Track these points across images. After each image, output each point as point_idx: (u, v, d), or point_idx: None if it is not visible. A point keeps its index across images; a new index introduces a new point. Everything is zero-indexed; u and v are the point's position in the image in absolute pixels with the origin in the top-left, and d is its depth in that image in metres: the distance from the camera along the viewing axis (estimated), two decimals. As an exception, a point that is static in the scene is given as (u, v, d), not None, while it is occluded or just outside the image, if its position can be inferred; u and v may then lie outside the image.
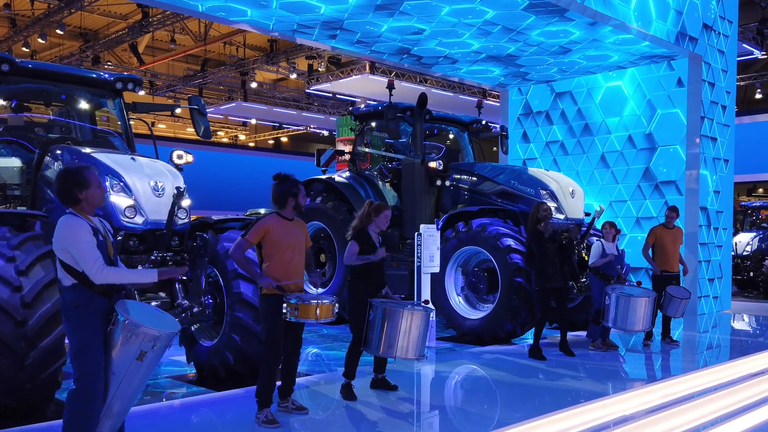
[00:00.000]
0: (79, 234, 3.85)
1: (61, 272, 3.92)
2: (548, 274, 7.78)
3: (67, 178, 3.99)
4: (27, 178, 6.79)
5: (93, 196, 4.00)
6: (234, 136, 38.52)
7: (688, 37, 11.82)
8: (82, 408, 3.85)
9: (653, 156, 12.82)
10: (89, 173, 4.02)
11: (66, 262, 3.88)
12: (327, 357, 8.29)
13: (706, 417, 6.43)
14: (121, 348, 3.88)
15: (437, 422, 5.67)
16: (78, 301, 3.87)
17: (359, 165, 11.27)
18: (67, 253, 3.87)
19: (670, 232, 9.14)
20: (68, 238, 3.85)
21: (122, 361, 3.90)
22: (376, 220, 6.00)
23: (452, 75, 14.25)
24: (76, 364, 3.87)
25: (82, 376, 3.85)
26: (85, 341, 3.86)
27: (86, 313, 3.88)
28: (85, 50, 22.59)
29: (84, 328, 3.87)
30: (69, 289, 3.90)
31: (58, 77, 7.28)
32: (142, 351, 3.88)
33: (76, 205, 3.98)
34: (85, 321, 3.87)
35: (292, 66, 23.83)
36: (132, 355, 3.88)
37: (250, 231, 5.12)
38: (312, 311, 5.00)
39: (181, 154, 6.72)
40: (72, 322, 3.88)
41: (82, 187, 3.96)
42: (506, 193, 9.82)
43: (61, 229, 3.88)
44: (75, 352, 3.88)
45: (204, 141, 27.77)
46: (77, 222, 3.90)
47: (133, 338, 3.85)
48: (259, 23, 10.76)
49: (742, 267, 17.23)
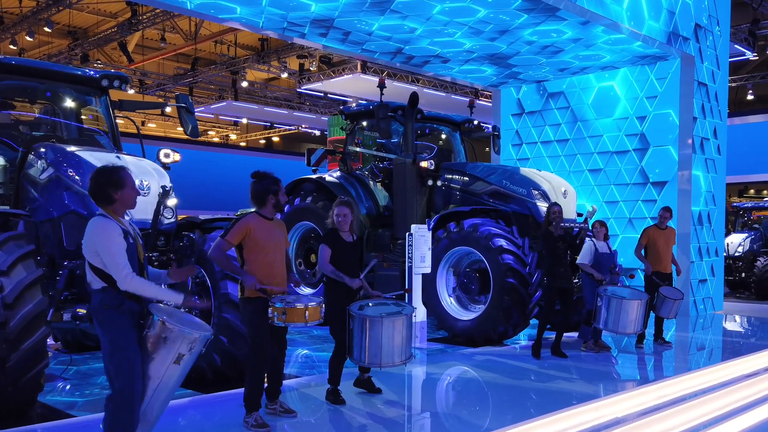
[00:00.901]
0: (111, 237, 3.77)
1: (90, 275, 3.84)
2: (558, 274, 7.79)
3: (102, 177, 3.88)
4: (10, 177, 6.67)
5: (128, 196, 3.93)
6: (225, 136, 38.34)
7: (680, 37, 11.79)
8: (121, 409, 3.80)
9: (645, 156, 12.79)
10: (125, 173, 3.94)
11: (96, 266, 3.80)
12: (317, 359, 8.19)
13: (700, 419, 6.37)
14: (159, 351, 3.84)
15: (428, 425, 5.60)
16: (107, 303, 3.81)
17: (350, 165, 11.17)
18: (97, 256, 3.78)
19: (663, 233, 9.09)
20: (99, 240, 3.76)
21: (159, 365, 3.85)
22: (335, 221, 5.85)
23: (444, 74, 14.18)
24: (111, 367, 3.83)
25: (117, 378, 3.81)
26: (116, 343, 3.80)
27: (117, 315, 3.81)
28: (73, 48, 22.38)
29: (115, 330, 3.81)
30: (98, 292, 3.83)
31: (43, 74, 7.15)
32: (180, 354, 3.85)
33: (110, 206, 3.89)
34: (116, 323, 3.81)
35: (283, 65, 23.71)
36: (169, 358, 3.84)
37: (230, 231, 4.99)
38: (301, 315, 4.91)
39: (168, 153, 6.62)
40: (103, 325, 3.82)
41: (117, 187, 3.87)
42: (498, 194, 9.75)
43: (92, 231, 3.79)
44: (107, 355, 3.83)
45: (194, 140, 27.69)
46: (109, 224, 3.81)
47: (171, 342, 3.82)
48: (249, 21, 10.65)
49: (734, 268, 17.25)
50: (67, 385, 6.66)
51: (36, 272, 5.27)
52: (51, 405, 5.88)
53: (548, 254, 7.88)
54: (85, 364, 7.57)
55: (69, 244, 6.03)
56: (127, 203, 3.95)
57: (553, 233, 7.85)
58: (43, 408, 5.77)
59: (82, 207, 5.96)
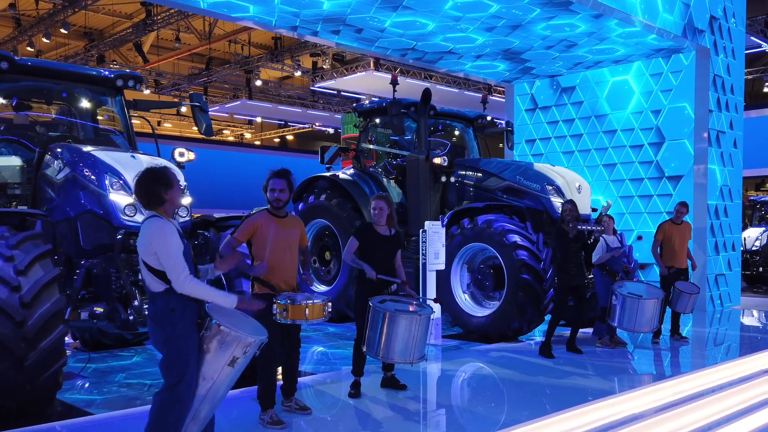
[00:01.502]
0: (169, 238, 3.76)
1: (150, 277, 3.80)
2: (569, 272, 7.73)
3: (152, 178, 3.86)
4: (27, 177, 6.74)
5: (176, 196, 3.93)
6: (240, 135, 38.49)
7: (695, 29, 11.68)
8: (170, 407, 3.79)
9: (661, 150, 12.69)
10: (172, 173, 3.94)
11: (155, 267, 3.77)
12: (333, 356, 8.21)
13: (718, 415, 6.32)
14: (215, 354, 3.84)
15: (444, 421, 5.60)
16: (174, 306, 3.78)
17: (364, 162, 11.18)
18: (154, 257, 3.76)
19: (679, 228, 9.02)
20: (157, 241, 3.73)
21: (214, 366, 3.85)
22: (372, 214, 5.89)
23: (457, 70, 14.14)
24: (175, 372, 3.77)
25: (181, 383, 3.76)
26: (183, 348, 3.77)
27: (182, 318, 3.79)
28: (89, 50, 22.57)
29: (182, 334, 3.78)
30: (162, 294, 3.80)
31: (58, 75, 7.23)
32: (234, 357, 3.85)
33: (161, 207, 3.87)
34: (182, 326, 3.78)
35: (296, 63, 23.76)
36: (224, 360, 3.84)
37: (239, 229, 5.05)
38: (301, 312, 4.90)
39: (183, 152, 6.67)
40: (168, 329, 3.77)
41: (167, 188, 3.86)
42: (512, 189, 9.72)
43: (150, 232, 3.76)
44: (173, 359, 3.77)
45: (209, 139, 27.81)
46: (167, 225, 3.80)
47: (227, 344, 3.81)
48: (261, 19, 10.68)
49: (751, 262, 17.05)
50: (85, 383, 6.73)
51: (53, 271, 5.32)
52: (70, 403, 5.95)
53: (560, 252, 7.83)
54: (103, 362, 7.65)
55: (85, 244, 6.10)
56: (176, 203, 3.95)
57: (567, 231, 7.79)
58: (62, 406, 5.84)
59: (98, 207, 6.02)
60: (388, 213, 5.88)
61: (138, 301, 5.82)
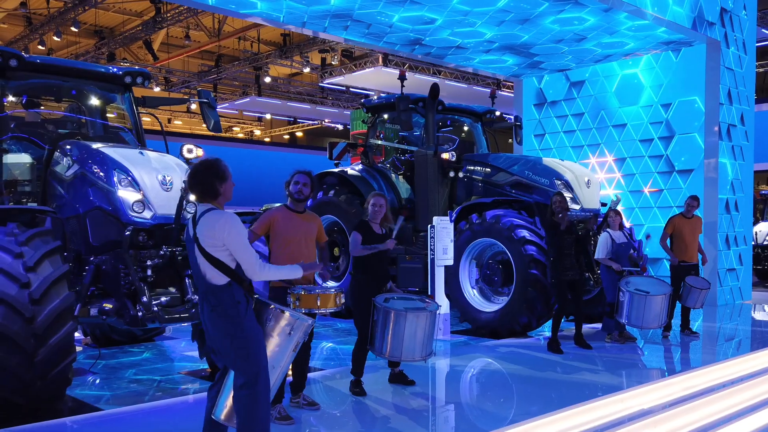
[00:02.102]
0: (241, 229, 3.74)
1: (212, 270, 3.72)
2: (564, 266, 7.66)
3: (208, 171, 3.81)
4: (37, 174, 6.77)
5: (229, 189, 3.89)
6: (249, 132, 38.56)
7: (706, 22, 11.58)
8: (261, 408, 3.75)
9: (671, 144, 12.60)
10: (225, 165, 3.90)
11: (220, 259, 3.71)
12: (341, 351, 8.22)
13: (728, 410, 6.27)
14: (282, 341, 3.91)
15: (452, 417, 5.59)
16: (239, 299, 3.75)
17: (372, 158, 11.18)
18: (223, 250, 3.70)
19: (689, 222, 8.96)
20: (231, 233, 3.68)
21: (281, 354, 3.94)
22: (369, 211, 5.91)
23: (465, 65, 14.10)
24: (251, 367, 3.72)
25: (259, 378, 3.73)
26: (254, 339, 3.75)
27: (248, 310, 3.77)
28: (100, 48, 22.66)
29: (250, 327, 3.76)
30: (225, 288, 3.74)
31: (67, 72, 7.25)
32: (298, 342, 3.97)
33: (216, 199, 3.83)
34: (249, 319, 3.77)
35: (305, 60, 23.75)
36: (290, 347, 3.94)
37: (256, 222, 5.13)
38: (313, 300, 4.94)
39: (191, 149, 6.65)
40: (235, 322, 3.71)
41: (222, 180, 3.83)
42: (521, 184, 9.68)
43: (221, 224, 3.68)
44: (246, 353, 3.72)
45: (218, 136, 27.87)
46: (235, 217, 3.75)
47: (294, 330, 3.91)
48: (269, 15, 10.69)
49: (763, 257, 16.90)
50: (95, 379, 6.77)
51: (63, 268, 5.34)
52: (80, 399, 5.98)
53: (553, 246, 7.74)
54: (113, 358, 7.70)
55: (94, 240, 6.12)
56: (229, 196, 3.89)
57: (558, 224, 7.69)
58: (72, 402, 5.87)
59: (107, 203, 6.04)
60: (385, 212, 5.91)
61: (147, 297, 5.84)
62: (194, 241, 3.76)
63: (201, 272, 3.77)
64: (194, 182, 3.83)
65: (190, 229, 3.84)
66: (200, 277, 3.79)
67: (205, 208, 3.80)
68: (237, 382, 3.76)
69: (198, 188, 3.82)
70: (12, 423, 4.95)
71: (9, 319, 4.95)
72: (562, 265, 7.66)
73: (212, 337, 3.81)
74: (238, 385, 3.74)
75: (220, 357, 3.85)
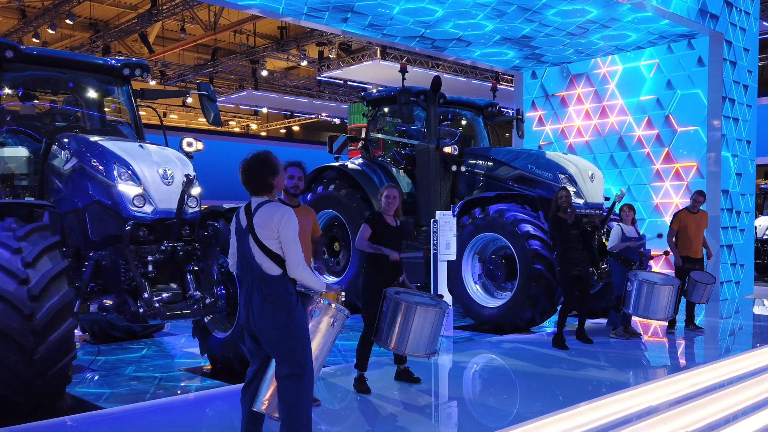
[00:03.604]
0: (296, 224, 3.81)
1: (267, 261, 3.78)
2: (572, 260, 7.59)
3: (260, 164, 3.85)
4: (34, 168, 6.66)
5: (282, 181, 3.99)
6: (246, 126, 38.39)
7: (708, 14, 11.48)
8: (306, 399, 3.83)
9: (673, 138, 12.53)
10: (276, 158, 3.93)
11: (275, 251, 3.78)
12: (342, 347, 8.13)
13: (736, 406, 6.21)
14: (326, 332, 4.04)
15: (455, 413, 5.52)
16: (292, 291, 3.83)
17: (372, 152, 11.06)
18: (277, 241, 3.78)
19: (694, 217, 8.89)
20: (285, 226, 3.76)
21: (325, 345, 4.07)
22: (382, 203, 5.83)
23: (466, 58, 13.99)
24: (298, 359, 3.79)
25: (306, 370, 3.80)
26: (304, 330, 3.85)
27: (298, 302, 3.86)
28: (95, 41, 22.47)
29: (301, 318, 3.85)
30: (279, 279, 3.80)
31: (64, 64, 7.12)
32: (336, 335, 4.13)
33: (269, 192, 3.89)
34: (297, 307, 3.84)
35: (302, 53, 23.58)
36: (333, 338, 4.11)
37: None
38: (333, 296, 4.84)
39: (191, 142, 6.54)
40: (291, 313, 3.80)
41: (275, 174, 3.88)
42: (523, 178, 9.59)
43: (278, 215, 3.76)
44: (296, 343, 3.79)
45: (216, 130, 27.71)
46: (292, 210, 3.84)
47: (337, 322, 4.06)
48: (268, 7, 10.56)
49: (762, 251, 16.88)
50: (95, 376, 6.67)
51: (62, 263, 5.23)
52: (79, 396, 5.88)
53: (560, 241, 7.69)
54: (112, 355, 7.60)
55: (94, 235, 6.01)
56: (281, 188, 4.02)
57: (565, 219, 7.63)
58: (72, 399, 5.77)
59: (107, 197, 5.93)
60: (398, 204, 5.85)
61: (147, 293, 5.73)
62: (249, 232, 3.82)
63: (256, 262, 3.81)
64: (248, 177, 3.88)
65: (242, 219, 3.88)
66: (252, 267, 3.83)
67: (261, 201, 3.87)
68: (282, 372, 3.80)
69: (252, 183, 3.87)
70: (11, 421, 4.85)
71: (8, 316, 4.85)
72: (570, 261, 7.59)
73: (260, 327, 3.84)
74: (284, 375, 3.79)
75: (266, 346, 3.88)
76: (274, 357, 3.88)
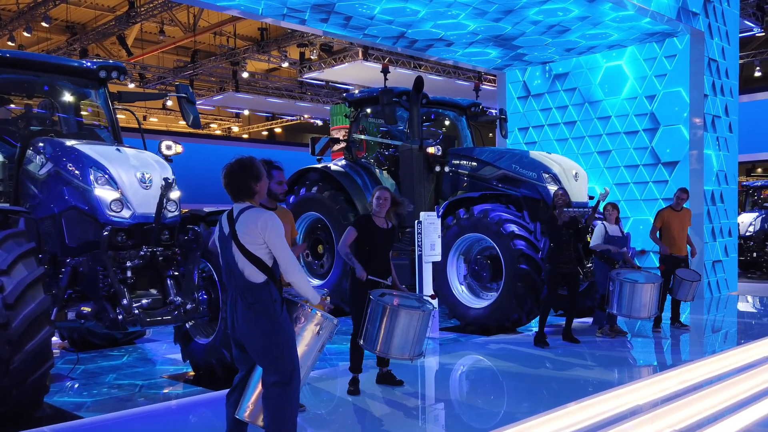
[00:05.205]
0: (281, 228, 3.79)
1: (250, 267, 3.75)
2: (562, 259, 7.66)
3: (242, 170, 3.83)
4: (9, 173, 6.49)
5: (264, 187, 3.94)
6: (227, 128, 38.14)
7: (690, 12, 11.52)
8: (292, 407, 3.79)
9: (656, 136, 12.56)
10: (260, 164, 3.90)
11: (259, 257, 3.75)
12: (328, 351, 8.04)
13: (723, 404, 6.21)
14: (312, 340, 4.00)
15: (443, 416, 5.46)
16: (276, 297, 3.80)
17: (355, 153, 10.97)
18: (263, 247, 3.74)
19: (678, 215, 8.89)
20: (272, 231, 3.73)
21: (310, 353, 4.02)
22: (374, 204, 5.77)
23: (448, 58, 13.94)
24: (285, 366, 3.76)
25: (293, 378, 3.78)
26: (290, 338, 3.81)
27: (283, 309, 3.83)
28: (72, 44, 22.18)
29: (287, 325, 3.82)
30: (262, 285, 3.77)
31: (39, 67, 6.95)
32: (324, 342, 4.07)
33: (251, 198, 3.86)
34: (284, 317, 3.81)
35: (283, 55, 23.43)
36: (320, 346, 4.06)
37: None
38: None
39: (170, 145, 6.42)
40: (275, 320, 3.76)
41: (257, 180, 3.86)
42: (508, 178, 9.54)
43: (262, 221, 3.73)
44: (282, 351, 3.75)
45: (196, 133, 27.48)
46: (275, 215, 3.81)
47: (323, 330, 4.02)
48: (248, 8, 10.44)
49: (745, 248, 17.00)
50: (74, 385, 6.52)
51: (38, 270, 5.10)
52: (58, 406, 5.74)
53: (552, 240, 7.75)
54: (92, 363, 7.44)
55: (71, 241, 5.87)
56: (264, 195, 3.96)
57: (558, 219, 7.69)
58: (50, 409, 5.63)
59: (83, 202, 5.79)
60: (390, 206, 5.78)
61: (127, 300, 5.60)
62: (231, 239, 3.79)
63: (238, 269, 3.79)
64: (230, 182, 3.85)
65: (224, 227, 3.86)
66: (236, 274, 3.80)
67: (243, 207, 3.84)
68: (268, 380, 3.76)
69: (235, 188, 3.84)
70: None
71: (-19, 326, 4.71)
72: (560, 258, 7.64)
73: (245, 334, 3.80)
74: (270, 383, 3.75)
75: (252, 354, 3.85)
76: (261, 365, 3.83)
